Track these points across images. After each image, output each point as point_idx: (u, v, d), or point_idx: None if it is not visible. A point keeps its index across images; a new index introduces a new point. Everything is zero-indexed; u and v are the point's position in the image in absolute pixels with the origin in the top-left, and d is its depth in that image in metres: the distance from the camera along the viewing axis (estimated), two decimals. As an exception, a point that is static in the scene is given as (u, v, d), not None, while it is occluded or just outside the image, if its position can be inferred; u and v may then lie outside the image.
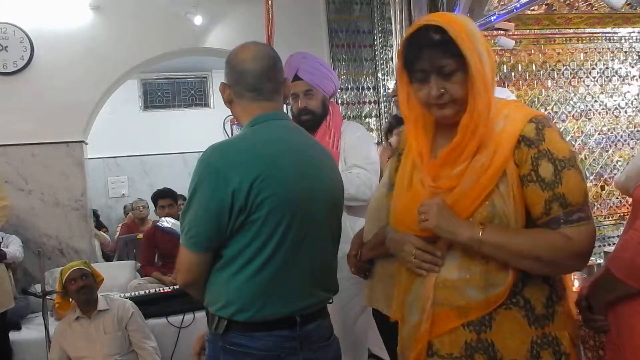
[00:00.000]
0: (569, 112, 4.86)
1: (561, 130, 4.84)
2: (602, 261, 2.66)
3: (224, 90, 1.61)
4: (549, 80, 4.81)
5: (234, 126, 7.58)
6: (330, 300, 1.64)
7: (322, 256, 1.59)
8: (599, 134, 4.91)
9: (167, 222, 4.54)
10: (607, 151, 4.62)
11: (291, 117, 2.21)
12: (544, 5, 4.44)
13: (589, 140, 4.92)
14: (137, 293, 3.87)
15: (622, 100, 4.76)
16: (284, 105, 1.80)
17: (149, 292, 3.89)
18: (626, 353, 1.39)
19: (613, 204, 4.58)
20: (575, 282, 2.26)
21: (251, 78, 1.55)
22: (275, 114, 1.59)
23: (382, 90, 4.81)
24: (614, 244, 3.89)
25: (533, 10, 4.42)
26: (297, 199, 1.49)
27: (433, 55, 1.28)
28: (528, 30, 4.69)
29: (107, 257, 5.80)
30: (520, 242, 1.28)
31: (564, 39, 4.84)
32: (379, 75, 4.81)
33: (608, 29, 4.69)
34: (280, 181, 1.46)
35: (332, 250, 1.66)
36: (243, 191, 1.41)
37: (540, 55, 4.79)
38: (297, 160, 1.54)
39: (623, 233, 1.43)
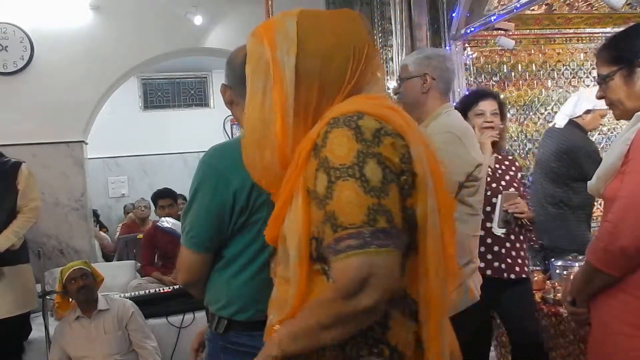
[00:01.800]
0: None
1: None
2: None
3: (225, 92, 1.61)
4: (549, 80, 4.81)
5: (234, 126, 7.57)
6: None
7: None
8: (599, 134, 4.91)
9: (167, 222, 4.54)
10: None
11: None
12: (544, 6, 4.45)
13: (589, 140, 4.92)
14: (137, 293, 3.87)
15: (622, 100, 4.76)
16: None
17: (149, 292, 3.88)
18: (604, 346, 1.50)
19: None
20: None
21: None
22: None
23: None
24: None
25: (533, 10, 4.42)
26: None
27: None
28: (528, 30, 4.69)
29: (107, 257, 5.80)
30: (303, 320, 0.97)
31: (564, 39, 4.85)
32: (379, 75, 4.81)
33: (608, 29, 4.69)
34: None
35: None
36: (244, 192, 1.41)
37: (540, 55, 4.79)
38: None
39: (599, 227, 1.57)
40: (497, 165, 2.68)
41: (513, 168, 2.72)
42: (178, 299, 3.70)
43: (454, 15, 4.40)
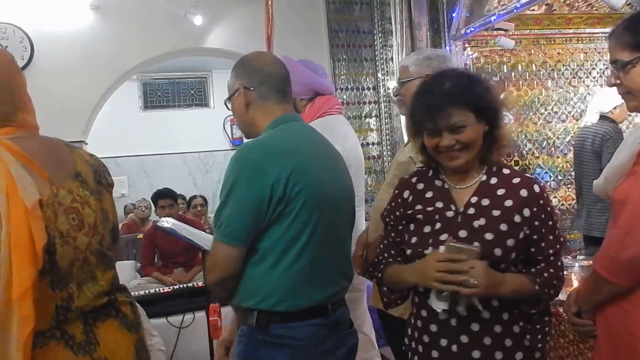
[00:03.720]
0: (569, 112, 4.86)
1: (561, 130, 4.84)
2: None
3: (244, 93, 1.65)
4: (549, 81, 4.81)
5: (234, 126, 7.57)
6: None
7: (344, 245, 1.70)
8: (599, 134, 4.91)
9: (167, 222, 4.53)
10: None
11: None
12: (544, 6, 4.45)
13: (589, 140, 4.92)
14: (137, 293, 3.87)
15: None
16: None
17: (149, 292, 3.89)
18: (619, 356, 1.39)
19: (613, 204, 4.59)
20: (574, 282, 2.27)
21: (278, 80, 1.66)
22: (294, 115, 1.71)
23: (382, 91, 4.81)
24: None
25: (533, 10, 4.42)
26: (324, 192, 1.57)
27: None
28: (528, 31, 4.69)
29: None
30: None
31: (564, 39, 4.85)
32: (379, 75, 4.81)
33: (608, 29, 4.67)
34: (312, 175, 1.54)
35: (350, 240, 1.76)
36: (281, 184, 1.47)
37: (540, 55, 4.79)
38: (321, 157, 1.64)
39: (607, 233, 1.43)
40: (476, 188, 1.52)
41: (518, 197, 1.46)
42: (178, 299, 3.70)
43: (454, 15, 4.40)
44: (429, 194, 1.52)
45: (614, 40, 1.45)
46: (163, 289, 3.93)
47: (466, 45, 4.52)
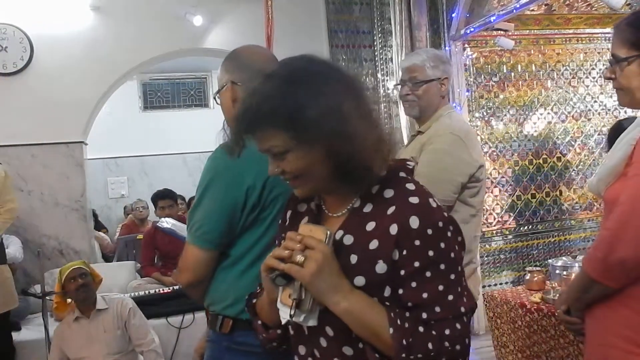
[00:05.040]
0: (569, 113, 4.86)
1: (560, 130, 4.84)
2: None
3: (231, 89, 1.57)
4: (549, 81, 4.82)
5: (234, 127, 7.57)
6: None
7: None
8: (598, 134, 4.91)
9: (167, 223, 4.54)
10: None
11: None
12: (543, 6, 4.45)
13: (589, 141, 4.92)
14: (137, 294, 3.87)
15: (622, 100, 4.77)
16: None
17: (149, 292, 3.88)
18: (595, 357, 1.42)
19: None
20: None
21: None
22: None
23: (381, 91, 4.82)
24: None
25: (533, 10, 4.43)
26: None
27: None
28: (528, 31, 4.70)
29: (107, 258, 5.80)
30: None
31: (564, 39, 4.85)
32: (379, 75, 4.81)
33: (607, 29, 4.70)
34: None
35: None
36: (257, 188, 1.42)
37: (539, 55, 4.80)
38: None
39: (598, 234, 1.44)
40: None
41: (386, 236, 1.09)
42: (178, 299, 3.70)
43: (453, 15, 4.40)
44: (304, 219, 1.20)
45: (615, 34, 1.45)
46: (163, 290, 3.93)
47: (466, 45, 4.52)
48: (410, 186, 1.10)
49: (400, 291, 1.05)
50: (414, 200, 1.06)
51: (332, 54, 4.71)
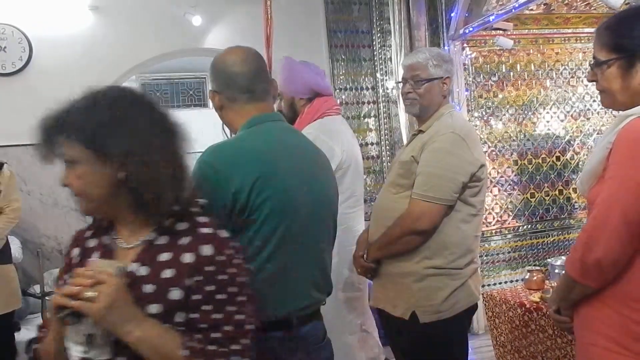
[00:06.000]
0: (568, 112, 4.87)
1: (559, 129, 4.85)
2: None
3: (214, 97, 1.61)
4: (548, 80, 4.82)
5: (233, 126, 7.59)
6: (323, 302, 1.63)
7: (319, 257, 1.59)
8: (597, 134, 4.91)
9: (166, 223, 4.54)
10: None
11: None
12: (542, 5, 4.45)
13: (588, 140, 4.93)
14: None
15: (621, 99, 4.78)
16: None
17: (149, 292, 3.88)
18: (581, 356, 1.46)
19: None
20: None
21: (243, 80, 1.57)
22: (270, 115, 1.61)
23: (380, 91, 4.82)
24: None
25: (531, 10, 4.43)
26: (296, 200, 1.49)
27: None
28: (527, 30, 4.70)
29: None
30: None
31: (563, 38, 4.85)
32: (378, 75, 4.81)
33: (606, 29, 4.69)
34: (280, 182, 1.46)
35: (328, 250, 1.65)
36: (244, 192, 1.41)
37: (538, 55, 4.80)
38: (295, 161, 1.54)
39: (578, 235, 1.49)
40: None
41: (180, 266, 1.18)
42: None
43: (452, 15, 4.40)
44: (95, 255, 1.22)
45: (596, 38, 1.51)
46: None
47: (465, 45, 4.52)
48: (202, 219, 1.21)
49: (194, 315, 1.12)
50: (206, 230, 1.18)
51: (331, 54, 4.72)
